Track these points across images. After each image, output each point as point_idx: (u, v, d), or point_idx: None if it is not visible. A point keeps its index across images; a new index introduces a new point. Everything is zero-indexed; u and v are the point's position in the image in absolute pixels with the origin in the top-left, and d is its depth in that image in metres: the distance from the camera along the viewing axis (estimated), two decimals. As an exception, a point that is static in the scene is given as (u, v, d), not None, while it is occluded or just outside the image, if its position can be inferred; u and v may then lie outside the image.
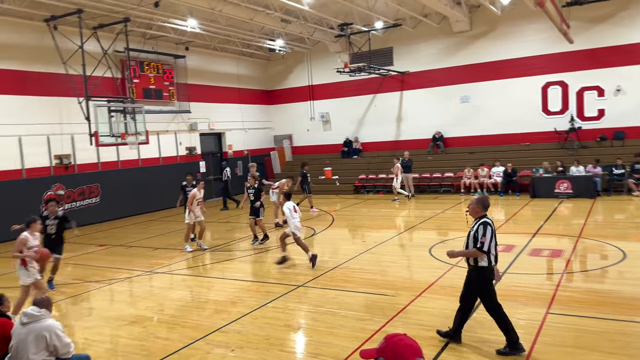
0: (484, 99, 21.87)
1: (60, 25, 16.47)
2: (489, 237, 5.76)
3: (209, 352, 6.36)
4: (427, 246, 11.36)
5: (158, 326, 7.47)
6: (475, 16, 21.63)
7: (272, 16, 19.26)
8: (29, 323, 4.98)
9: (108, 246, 14.01)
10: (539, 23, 20.06)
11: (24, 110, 16.21)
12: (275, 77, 27.53)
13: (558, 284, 8.20)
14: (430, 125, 22.95)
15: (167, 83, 21.33)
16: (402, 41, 23.31)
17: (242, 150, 25.70)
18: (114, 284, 10.01)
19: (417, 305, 7.57)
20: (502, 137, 21.73)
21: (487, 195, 17.30)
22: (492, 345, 6.01)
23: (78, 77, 16.03)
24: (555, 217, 14.41)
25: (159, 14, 17.21)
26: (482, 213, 6.00)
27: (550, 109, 20.76)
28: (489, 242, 5.77)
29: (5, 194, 15.48)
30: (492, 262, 5.88)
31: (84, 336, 7.11)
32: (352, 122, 25.29)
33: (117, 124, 16.37)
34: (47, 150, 16.92)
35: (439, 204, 18.14)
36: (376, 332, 6.59)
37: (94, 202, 18.16)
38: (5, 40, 15.82)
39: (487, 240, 5.75)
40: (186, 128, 22.44)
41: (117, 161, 19.28)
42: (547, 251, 10.43)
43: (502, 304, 7.33)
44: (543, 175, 18.29)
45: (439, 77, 22.70)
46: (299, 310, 7.79)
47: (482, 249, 5.77)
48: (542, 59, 20.60)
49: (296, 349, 6.49)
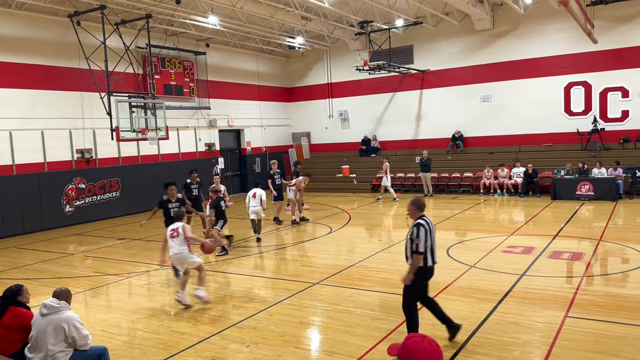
0: (506, 99, 21.60)
1: (83, 21, 16.71)
2: (423, 238, 5.87)
3: (224, 347, 6.40)
4: (445, 247, 11.27)
5: (174, 320, 7.54)
6: (497, 14, 21.36)
7: (292, 13, 19.27)
8: (49, 314, 5.06)
9: (127, 240, 14.19)
10: (562, 22, 19.73)
11: (47, 104, 16.51)
12: (294, 75, 27.56)
13: (578, 287, 8.07)
14: (449, 125, 22.75)
15: (188, 79, 21.50)
16: (422, 39, 23.13)
17: (260, 147, 25.80)
18: (132, 277, 10.14)
19: (433, 306, 7.50)
20: (523, 137, 21.44)
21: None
22: (509, 349, 5.93)
23: (100, 72, 16.25)
24: (576, 220, 14.18)
25: (180, 11, 17.34)
26: (419, 214, 6.10)
27: (572, 110, 20.42)
28: (424, 243, 5.87)
29: (28, 187, 15.79)
30: (429, 262, 5.96)
31: (101, 328, 7.21)
32: (371, 120, 25.20)
33: (138, 119, 16.56)
34: (69, 144, 17.21)
35: (458, 204, 17.99)
36: (392, 332, 6.56)
37: (114, 196, 18.42)
38: (30, 36, 16.12)
39: (422, 241, 5.87)
40: (205, 124, 22.61)
41: (138, 156, 19.52)
42: (567, 254, 10.27)
43: (521, 306, 7.28)
44: (564, 177, 18.01)
45: (460, 75, 22.48)
46: (314, 308, 7.79)
47: (419, 251, 5.88)
48: (565, 58, 20.27)
49: (311, 347, 6.50)
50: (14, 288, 5.37)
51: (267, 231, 14.42)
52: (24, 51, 15.94)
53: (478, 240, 12.01)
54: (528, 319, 6.85)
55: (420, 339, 2.48)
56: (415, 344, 2.45)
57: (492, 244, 11.34)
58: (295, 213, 15.40)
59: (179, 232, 8.18)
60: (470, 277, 8.91)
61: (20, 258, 12.37)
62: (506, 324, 6.69)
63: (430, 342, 2.47)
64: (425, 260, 5.95)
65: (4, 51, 15.44)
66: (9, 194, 15.30)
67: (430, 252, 5.98)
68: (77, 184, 17.21)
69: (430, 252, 5.98)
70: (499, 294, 7.86)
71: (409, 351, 2.44)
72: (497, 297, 7.72)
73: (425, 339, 2.48)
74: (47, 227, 16.18)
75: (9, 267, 11.48)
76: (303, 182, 15.45)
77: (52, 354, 4.97)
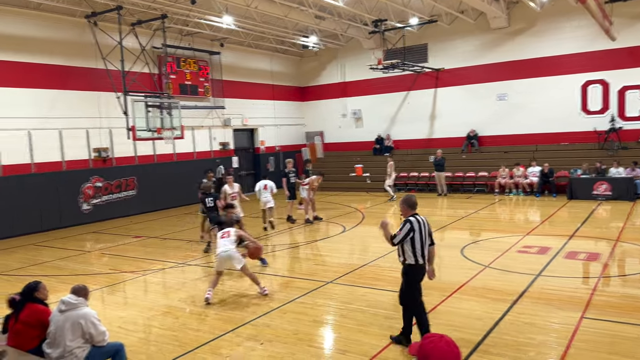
0: (522, 97, 21.39)
1: (100, 22, 16.91)
2: (403, 233, 5.97)
3: (238, 345, 6.46)
4: (459, 246, 11.22)
5: (190, 317, 7.62)
6: (513, 12, 21.15)
7: (306, 13, 19.30)
8: (67, 310, 5.14)
9: (143, 238, 14.34)
10: (579, 20, 19.47)
11: (65, 104, 16.73)
12: (308, 74, 27.60)
13: (594, 288, 7.99)
14: (464, 123, 22.59)
15: (203, 79, 21.64)
16: (437, 37, 23.00)
17: (274, 146, 25.88)
18: (148, 275, 10.25)
19: (447, 306, 7.49)
20: (539, 136, 21.22)
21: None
22: (524, 350, 5.90)
23: (117, 72, 16.43)
24: (592, 220, 14.01)
25: (195, 11, 17.46)
26: (410, 212, 6.17)
27: (589, 108, 20.15)
28: (402, 237, 5.97)
29: (46, 185, 16.03)
30: (419, 261, 6.02)
31: (118, 325, 7.31)
32: (385, 119, 25.13)
33: (154, 118, 16.71)
34: (86, 144, 17.43)
35: (472, 203, 17.87)
36: (405, 331, 6.56)
37: (130, 194, 18.62)
38: (48, 36, 16.36)
39: (400, 235, 5.97)
40: (220, 123, 22.74)
41: (153, 155, 19.71)
42: (583, 254, 10.16)
43: (536, 306, 7.22)
44: (581, 176, 17.80)
45: (475, 74, 22.31)
46: (327, 307, 7.81)
47: (392, 241, 6.03)
48: (582, 56, 20.00)
49: (324, 345, 6.52)
50: (32, 284, 5.48)
51: (280, 230, 14.48)
52: (42, 51, 16.18)
53: (493, 240, 11.93)
54: (543, 319, 6.79)
55: (438, 339, 2.47)
56: (432, 344, 2.45)
57: (507, 244, 11.26)
58: (309, 212, 15.44)
59: (231, 234, 8.52)
60: (484, 277, 8.86)
61: (39, 255, 12.57)
62: (521, 324, 6.64)
63: (448, 342, 2.46)
64: (415, 258, 6.02)
65: (23, 51, 15.69)
66: (28, 193, 15.56)
67: (420, 251, 6.02)
68: (94, 183, 17.43)
69: (420, 251, 6.02)
70: (513, 294, 7.81)
71: (426, 351, 2.44)
72: (512, 297, 7.67)
73: (443, 339, 2.47)
74: (65, 225, 16.42)
75: (27, 264, 11.68)
76: (316, 181, 15.48)
77: (70, 349, 5.06)
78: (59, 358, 5.04)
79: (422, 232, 6.05)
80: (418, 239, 6.01)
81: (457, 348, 2.46)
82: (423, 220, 6.14)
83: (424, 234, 6.08)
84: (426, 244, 6.10)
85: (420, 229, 6.04)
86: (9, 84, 15.29)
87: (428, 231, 6.16)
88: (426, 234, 6.11)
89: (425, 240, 6.08)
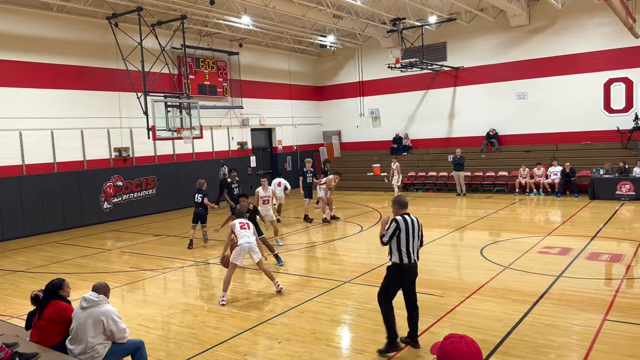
0: (542, 96, 21.09)
1: (120, 23, 17.14)
2: (390, 232, 5.94)
3: (257, 343, 6.49)
4: (479, 247, 11.11)
5: (208, 315, 7.68)
6: (533, 10, 20.86)
7: (324, 12, 19.30)
8: (88, 308, 5.22)
9: (163, 236, 14.50)
10: (601, 17, 19.13)
11: (86, 104, 17.00)
12: (325, 73, 27.59)
13: (617, 290, 7.84)
14: (484, 122, 22.36)
15: (221, 79, 21.79)
16: (456, 36, 22.80)
17: (291, 145, 25.94)
18: (168, 273, 10.36)
19: (466, 307, 7.43)
20: (560, 135, 20.90)
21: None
22: (544, 352, 5.82)
23: (137, 72, 16.64)
24: (615, 220, 13.75)
25: (214, 11, 17.59)
26: (401, 211, 6.11)
27: (612, 107, 19.77)
28: (389, 237, 5.95)
29: (68, 184, 16.31)
30: (404, 260, 5.96)
31: (138, 322, 7.40)
32: (402, 118, 25.00)
33: (173, 118, 16.89)
34: (107, 143, 17.69)
35: (492, 203, 17.69)
36: (423, 332, 6.51)
37: (150, 193, 18.84)
38: (70, 37, 16.63)
39: (388, 234, 5.96)
40: (238, 123, 22.87)
41: (173, 154, 19.91)
42: (606, 255, 9.98)
43: (557, 308, 7.12)
44: (603, 176, 17.48)
45: (495, 72, 22.07)
46: (344, 306, 7.81)
47: (382, 240, 6.03)
48: (604, 54, 19.64)
49: (342, 345, 6.52)
50: (56, 282, 5.56)
51: (298, 229, 14.51)
52: (64, 53, 16.46)
53: (513, 241, 11.79)
54: (564, 321, 6.69)
55: (459, 339, 2.45)
56: (452, 345, 2.43)
57: (528, 244, 11.11)
58: (326, 211, 15.44)
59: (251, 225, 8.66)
60: (504, 278, 8.76)
61: (61, 253, 12.80)
62: (542, 326, 6.55)
63: (469, 343, 2.43)
64: (400, 257, 5.96)
65: (46, 53, 15.98)
66: (50, 191, 15.85)
67: (405, 250, 5.94)
68: (115, 182, 17.68)
69: (405, 250, 5.94)
70: (534, 295, 7.71)
71: (446, 352, 2.42)
72: (532, 298, 7.57)
73: (464, 340, 2.44)
74: (86, 223, 16.70)
75: (50, 261, 11.90)
76: (333, 180, 15.48)
77: (92, 345, 5.13)
78: (81, 354, 5.12)
79: (408, 231, 5.94)
80: (404, 238, 5.92)
81: (477, 348, 2.43)
82: (413, 220, 6.03)
83: (412, 234, 5.97)
84: (414, 244, 6.00)
85: (407, 228, 5.94)
86: (32, 84, 15.59)
87: (419, 232, 6.08)
88: (415, 234, 6.00)
89: (413, 240, 5.98)
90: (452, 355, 2.40)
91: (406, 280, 6.11)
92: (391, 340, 6.02)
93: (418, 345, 6.12)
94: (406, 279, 6.09)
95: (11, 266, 11.55)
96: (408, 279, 6.10)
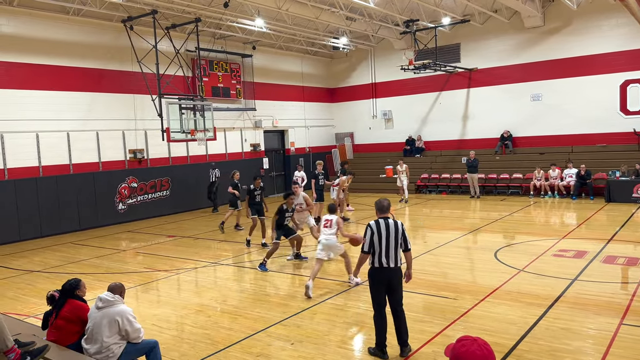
0: (557, 97, 20.90)
1: (135, 26, 17.32)
2: (368, 239, 5.97)
3: (269, 344, 6.51)
4: (493, 249, 11.03)
5: (221, 316, 7.72)
6: (548, 11, 20.69)
7: (337, 14, 19.33)
8: (104, 307, 5.28)
9: (177, 237, 14.61)
10: (617, 18, 18.92)
11: (102, 106, 17.21)
12: (338, 75, 27.61)
13: (634, 294, 7.73)
14: (498, 124, 22.21)
15: (235, 81, 21.92)
16: (470, 37, 22.69)
17: (304, 147, 25.99)
18: (182, 274, 10.44)
19: (480, 310, 7.38)
20: (575, 137, 20.68)
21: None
22: (559, 356, 5.76)
23: (152, 75, 16.81)
24: (632, 223, 13.57)
25: (228, 14, 17.71)
26: (380, 215, 6.12)
27: (629, 109, 19.51)
28: (368, 243, 5.97)
29: (84, 185, 16.52)
30: (376, 263, 5.96)
31: (152, 322, 7.46)
32: (415, 120, 24.92)
33: (187, 120, 17.03)
34: (122, 145, 17.88)
35: (506, 206, 17.55)
36: (436, 335, 6.49)
37: (164, 194, 19.00)
38: (86, 41, 16.85)
39: (366, 241, 5.99)
40: (251, 125, 22.98)
41: (187, 156, 20.06)
42: (622, 259, 9.85)
43: (572, 312, 7.05)
44: (620, 179, 17.26)
45: (509, 74, 21.91)
46: (357, 308, 7.80)
47: (363, 250, 6.05)
48: (621, 55, 19.41)
49: (354, 347, 6.51)
50: (73, 282, 5.63)
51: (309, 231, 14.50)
52: (80, 56, 16.68)
53: (527, 244, 11.69)
54: (580, 325, 6.62)
55: (471, 342, 2.44)
56: (464, 347, 2.42)
57: (542, 247, 11.01)
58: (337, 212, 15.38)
59: (332, 224, 9.11)
60: (519, 281, 8.69)
61: (77, 253, 12.96)
62: (557, 329, 6.49)
63: (481, 346, 2.42)
64: (373, 260, 5.99)
65: (62, 56, 16.20)
66: (67, 192, 16.05)
67: (378, 253, 5.91)
68: (130, 183, 17.86)
69: (378, 253, 5.91)
70: (549, 299, 7.64)
71: (458, 354, 2.42)
72: (547, 302, 7.51)
73: (476, 342, 2.43)
74: (101, 224, 16.88)
75: (66, 261, 12.05)
76: (347, 181, 15.46)
77: (107, 345, 5.19)
78: (96, 354, 5.18)
79: (381, 234, 5.88)
80: (377, 242, 5.90)
81: (490, 351, 2.42)
82: (389, 224, 5.95)
83: (386, 237, 5.89)
84: (393, 248, 5.90)
85: (380, 231, 5.90)
86: (49, 87, 15.83)
87: (401, 235, 5.97)
88: (392, 237, 5.90)
89: (389, 243, 5.88)
90: (464, 357, 2.40)
91: (384, 285, 5.98)
92: (377, 345, 6.01)
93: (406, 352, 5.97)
94: (383, 283, 5.98)
95: (28, 266, 11.72)
96: (386, 283, 5.98)
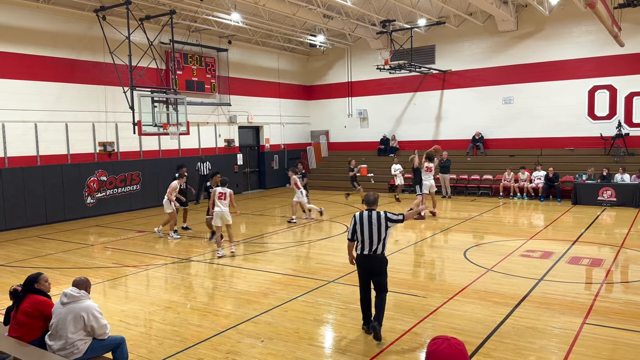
0: (528, 101, 21.33)
1: (108, 16, 16.96)
2: (351, 228, 6.51)
3: (239, 341, 6.46)
4: (462, 249, 11.20)
5: (191, 313, 7.63)
6: (522, 16, 21.09)
7: (314, 11, 19.30)
8: (69, 303, 5.16)
9: (146, 232, 14.38)
10: (588, 24, 19.42)
11: (71, 97, 16.79)
12: (314, 73, 27.59)
13: (597, 294, 7.95)
14: (470, 126, 22.56)
15: (209, 76, 21.67)
16: (445, 39, 22.96)
17: (279, 144, 25.89)
18: (151, 270, 10.28)
19: (449, 308, 7.48)
20: (545, 140, 21.16)
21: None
22: (524, 354, 5.88)
23: (124, 67, 16.48)
24: (597, 225, 13.96)
25: (203, 7, 17.49)
26: (366, 208, 6.62)
27: (596, 114, 20.06)
28: (351, 232, 6.51)
29: (52, 178, 16.10)
30: (359, 250, 6.47)
31: (119, 318, 7.33)
32: (390, 120, 25.10)
33: (160, 114, 16.76)
34: (92, 137, 17.49)
35: (476, 206, 17.83)
36: (405, 333, 6.55)
37: (134, 189, 18.67)
38: (57, 30, 16.41)
39: (349, 230, 6.54)
40: (226, 120, 22.77)
41: (159, 150, 19.76)
42: (587, 260, 10.12)
43: (538, 311, 7.21)
44: (586, 182, 17.73)
45: (482, 77, 22.27)
46: (328, 306, 7.81)
47: (348, 238, 6.64)
48: (590, 61, 19.93)
49: (325, 344, 6.52)
50: (32, 276, 5.52)
51: (283, 229, 14.49)
52: (50, 44, 16.23)
53: (496, 244, 11.90)
54: (545, 324, 6.77)
55: (441, 341, 2.46)
56: (435, 346, 2.45)
57: (510, 247, 11.23)
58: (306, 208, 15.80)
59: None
60: (486, 280, 8.84)
61: (43, 247, 12.63)
62: (522, 328, 6.63)
63: (452, 345, 2.43)
64: (356, 247, 6.51)
65: (31, 44, 15.74)
66: (33, 184, 15.63)
67: (362, 241, 6.39)
68: (99, 177, 17.49)
69: (362, 241, 6.39)
70: (515, 298, 7.79)
71: (428, 352, 2.46)
72: (513, 301, 7.66)
73: (447, 341, 2.45)
74: (69, 217, 16.50)
75: (31, 255, 11.73)
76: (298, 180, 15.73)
77: (72, 341, 5.07)
78: (60, 350, 5.06)
79: (363, 224, 6.36)
80: (359, 231, 6.39)
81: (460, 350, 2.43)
82: (372, 215, 6.40)
83: (368, 227, 6.33)
84: (372, 237, 6.32)
85: (362, 221, 6.39)
86: (17, 76, 15.36)
87: (381, 226, 6.33)
88: (374, 227, 6.32)
89: (372, 232, 6.32)
90: (433, 355, 2.43)
91: (366, 270, 6.48)
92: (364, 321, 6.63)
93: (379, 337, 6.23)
94: (365, 268, 6.48)
95: (-9, 260, 11.37)
96: (367, 269, 6.46)
